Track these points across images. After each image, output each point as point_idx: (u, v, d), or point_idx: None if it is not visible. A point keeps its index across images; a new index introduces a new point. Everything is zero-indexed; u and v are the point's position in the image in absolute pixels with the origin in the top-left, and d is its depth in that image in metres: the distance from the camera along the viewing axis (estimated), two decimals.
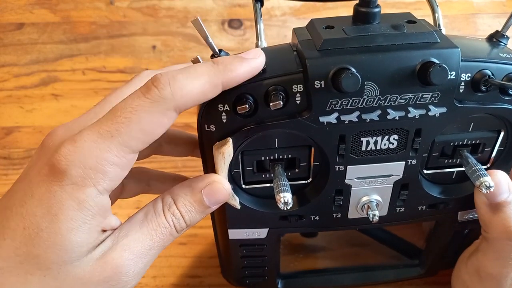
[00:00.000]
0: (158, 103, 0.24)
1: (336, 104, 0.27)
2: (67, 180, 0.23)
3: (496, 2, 0.67)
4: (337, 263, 0.44)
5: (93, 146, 0.23)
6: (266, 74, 0.27)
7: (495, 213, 0.31)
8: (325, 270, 0.43)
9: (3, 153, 0.58)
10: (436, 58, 0.26)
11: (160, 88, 0.24)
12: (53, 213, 0.24)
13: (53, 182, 0.24)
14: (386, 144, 0.30)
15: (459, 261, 0.38)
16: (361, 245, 0.45)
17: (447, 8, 0.66)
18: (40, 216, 0.24)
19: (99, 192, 0.24)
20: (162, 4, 0.65)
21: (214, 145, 0.29)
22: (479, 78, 0.28)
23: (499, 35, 0.31)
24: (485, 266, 0.33)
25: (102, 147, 0.24)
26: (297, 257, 0.44)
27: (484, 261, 0.34)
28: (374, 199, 0.32)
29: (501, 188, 0.30)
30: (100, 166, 0.24)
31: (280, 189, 0.29)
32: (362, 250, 0.45)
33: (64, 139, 0.24)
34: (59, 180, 0.23)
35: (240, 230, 0.33)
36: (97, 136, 0.24)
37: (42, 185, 0.24)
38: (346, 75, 0.25)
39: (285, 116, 0.28)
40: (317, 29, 0.28)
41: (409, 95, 0.27)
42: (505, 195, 0.31)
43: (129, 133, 0.24)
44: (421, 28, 0.28)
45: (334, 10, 0.65)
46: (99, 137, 0.24)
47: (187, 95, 0.24)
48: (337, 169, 0.30)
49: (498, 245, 0.32)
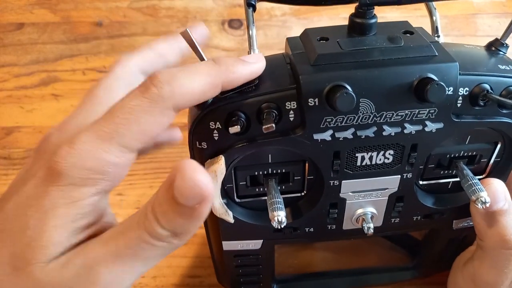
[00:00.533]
0: (157, 102, 0.23)
1: (331, 122, 0.26)
2: (64, 181, 0.23)
3: (496, 2, 0.67)
4: (331, 266, 0.44)
5: (92, 148, 0.23)
6: (259, 90, 0.26)
7: (491, 223, 0.31)
8: (320, 274, 0.43)
9: (3, 153, 0.58)
10: (433, 74, 0.25)
11: (159, 87, 0.23)
12: (44, 211, 0.23)
13: (50, 184, 0.23)
14: (381, 159, 0.29)
15: (455, 266, 0.37)
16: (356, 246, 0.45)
17: (447, 8, 0.66)
18: (30, 215, 0.23)
19: (97, 192, 0.23)
20: (162, 4, 0.65)
21: (206, 162, 0.28)
22: (477, 92, 0.27)
23: (498, 44, 0.30)
24: (480, 274, 0.33)
25: (101, 149, 0.23)
26: (291, 263, 0.44)
27: (480, 269, 0.33)
28: (369, 212, 0.32)
29: (498, 197, 0.30)
30: (99, 167, 0.23)
31: (274, 207, 0.28)
32: (357, 252, 0.45)
33: (61, 142, 0.23)
34: (56, 182, 0.23)
35: (234, 242, 0.33)
36: (95, 137, 0.23)
37: (39, 186, 0.23)
38: (341, 94, 0.24)
39: (278, 134, 0.27)
40: (311, 41, 0.27)
41: (405, 111, 0.26)
42: (501, 204, 0.30)
43: (128, 134, 0.23)
44: (419, 40, 0.27)
45: (334, 10, 0.65)
46: (98, 138, 0.23)
47: (187, 94, 0.24)
48: (331, 184, 0.30)
49: (494, 254, 0.32)
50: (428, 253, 0.39)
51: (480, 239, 0.33)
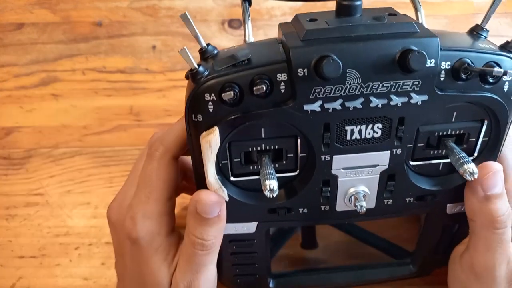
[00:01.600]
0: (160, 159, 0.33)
1: (320, 92, 0.27)
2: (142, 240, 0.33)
3: None
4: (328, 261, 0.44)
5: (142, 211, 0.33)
6: (251, 64, 0.28)
7: (484, 203, 0.31)
8: (317, 269, 0.43)
9: (3, 153, 0.58)
10: (415, 46, 0.26)
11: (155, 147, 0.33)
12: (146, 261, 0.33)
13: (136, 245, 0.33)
14: (370, 133, 0.30)
15: (452, 260, 0.38)
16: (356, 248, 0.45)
17: (447, 8, 0.66)
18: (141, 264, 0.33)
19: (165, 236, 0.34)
20: (162, 4, 0.65)
21: (201, 134, 0.29)
22: (458, 66, 0.28)
23: (479, 28, 0.31)
24: (478, 261, 0.34)
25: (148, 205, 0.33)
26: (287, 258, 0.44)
27: (476, 255, 0.34)
28: (361, 190, 0.32)
29: (495, 182, 0.31)
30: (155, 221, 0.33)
31: (266, 177, 0.29)
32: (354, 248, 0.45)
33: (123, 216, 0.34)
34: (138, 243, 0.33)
35: (229, 225, 0.33)
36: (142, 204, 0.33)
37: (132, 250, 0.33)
38: (327, 61, 0.25)
39: (270, 105, 0.28)
40: (301, 22, 0.29)
41: (390, 82, 0.27)
42: (497, 188, 0.31)
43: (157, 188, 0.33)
44: (402, 19, 0.29)
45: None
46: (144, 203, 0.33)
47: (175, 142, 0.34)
48: (323, 159, 0.31)
49: (486, 236, 0.32)
50: (424, 245, 0.40)
51: (471, 219, 0.33)
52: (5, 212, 0.52)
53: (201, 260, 0.32)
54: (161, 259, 0.33)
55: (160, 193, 0.33)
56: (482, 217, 0.32)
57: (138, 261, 0.33)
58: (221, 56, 0.29)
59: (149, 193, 0.33)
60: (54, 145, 0.60)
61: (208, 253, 0.32)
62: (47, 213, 0.52)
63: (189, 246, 0.32)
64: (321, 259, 0.45)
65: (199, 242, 0.32)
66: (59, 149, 0.59)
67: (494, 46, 0.30)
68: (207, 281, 0.33)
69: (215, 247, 0.33)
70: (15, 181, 0.56)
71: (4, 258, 0.47)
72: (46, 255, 0.48)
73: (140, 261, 0.33)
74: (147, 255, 0.33)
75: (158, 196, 0.33)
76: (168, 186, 0.33)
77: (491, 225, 0.32)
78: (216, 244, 0.33)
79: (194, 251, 0.32)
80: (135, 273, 0.34)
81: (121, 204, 0.35)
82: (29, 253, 0.48)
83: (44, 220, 0.51)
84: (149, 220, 0.33)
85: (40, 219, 0.51)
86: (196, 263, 0.32)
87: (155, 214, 0.33)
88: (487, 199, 0.31)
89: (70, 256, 0.47)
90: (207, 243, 0.32)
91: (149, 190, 0.33)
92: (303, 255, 0.45)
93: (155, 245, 0.33)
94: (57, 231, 0.50)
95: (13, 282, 0.45)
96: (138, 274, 0.34)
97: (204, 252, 0.32)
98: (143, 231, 0.32)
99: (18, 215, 0.52)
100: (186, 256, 0.33)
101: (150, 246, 0.33)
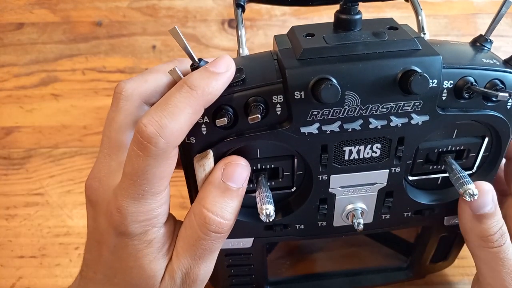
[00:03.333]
0: (160, 156, 0.26)
1: (317, 115, 0.27)
2: (132, 234, 0.28)
3: (496, 2, 0.67)
4: (325, 267, 0.44)
5: (134, 209, 0.28)
6: (246, 85, 0.27)
7: (474, 223, 0.31)
8: (313, 276, 0.43)
9: (3, 153, 0.58)
10: (417, 66, 0.26)
11: (153, 143, 0.25)
12: (134, 255, 0.29)
13: (123, 239, 0.29)
14: (369, 153, 0.29)
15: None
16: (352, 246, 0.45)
17: (447, 8, 0.66)
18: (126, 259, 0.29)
19: (160, 227, 0.29)
20: (162, 4, 0.65)
21: (195, 157, 0.28)
22: (461, 85, 0.27)
23: (483, 39, 0.30)
24: (488, 284, 0.33)
25: (141, 206, 0.28)
26: (284, 264, 0.44)
27: (484, 280, 0.33)
28: (359, 207, 0.32)
29: (486, 201, 0.30)
30: (149, 215, 0.28)
31: (262, 201, 0.28)
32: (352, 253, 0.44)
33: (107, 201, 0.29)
34: (127, 236, 0.28)
35: (225, 240, 0.33)
36: (133, 201, 0.27)
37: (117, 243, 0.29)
38: (326, 86, 0.24)
39: (266, 127, 0.27)
40: (298, 37, 0.28)
41: (390, 104, 0.27)
42: (488, 207, 0.31)
43: (152, 188, 0.27)
44: (403, 35, 0.27)
45: (334, 10, 0.65)
46: (135, 200, 0.27)
47: (178, 134, 0.26)
48: (320, 178, 0.30)
49: (481, 255, 0.32)
50: (421, 252, 0.39)
51: (466, 239, 0.33)
52: (5, 212, 0.52)
53: (210, 245, 0.29)
54: (153, 252, 0.29)
55: (156, 190, 0.28)
56: (473, 236, 0.32)
57: (122, 255, 0.29)
58: None
59: (143, 191, 0.27)
60: (54, 145, 0.60)
61: (220, 237, 0.29)
62: (47, 213, 0.52)
63: (196, 228, 0.28)
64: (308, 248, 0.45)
65: (216, 221, 0.28)
66: (59, 149, 0.59)
67: (498, 61, 0.29)
68: (207, 272, 0.30)
69: (229, 231, 0.29)
70: (15, 181, 0.56)
71: (4, 258, 0.47)
72: (46, 255, 0.48)
73: (125, 256, 0.29)
74: (136, 249, 0.29)
75: (154, 192, 0.28)
76: (167, 177, 0.28)
77: (484, 244, 0.31)
78: (230, 228, 0.29)
79: (205, 232, 0.28)
80: (115, 267, 0.30)
81: (102, 180, 0.30)
82: (29, 253, 0.48)
83: (44, 220, 0.51)
84: (142, 216, 0.28)
85: (40, 219, 0.51)
86: (203, 248, 0.29)
87: (150, 211, 0.28)
88: (477, 219, 0.31)
89: (70, 256, 0.47)
90: (224, 224, 0.28)
91: (142, 188, 0.27)
92: (300, 259, 0.45)
93: (148, 239, 0.29)
94: (57, 231, 0.50)
95: (13, 282, 0.45)
96: (120, 269, 0.30)
97: (216, 235, 0.29)
98: (134, 227, 0.28)
99: (18, 215, 0.52)
100: (191, 239, 0.29)
101: (141, 241, 0.29)
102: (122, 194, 0.28)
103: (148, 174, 0.26)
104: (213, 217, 0.28)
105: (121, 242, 0.29)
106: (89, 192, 0.30)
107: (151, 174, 0.26)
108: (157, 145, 0.25)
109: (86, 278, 0.31)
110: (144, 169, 0.26)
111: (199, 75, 0.26)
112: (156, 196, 0.28)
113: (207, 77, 0.26)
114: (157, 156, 0.26)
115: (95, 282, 0.31)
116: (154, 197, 0.28)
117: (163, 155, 0.26)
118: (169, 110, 0.25)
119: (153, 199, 0.28)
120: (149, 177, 0.27)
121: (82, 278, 0.32)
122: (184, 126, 0.26)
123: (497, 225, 0.31)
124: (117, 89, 0.30)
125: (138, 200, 0.27)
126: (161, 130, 0.25)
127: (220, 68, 0.26)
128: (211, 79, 0.26)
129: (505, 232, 0.32)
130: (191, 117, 0.26)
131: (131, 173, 0.27)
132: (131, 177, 0.27)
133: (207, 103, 0.26)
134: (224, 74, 0.26)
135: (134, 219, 0.28)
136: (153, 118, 0.25)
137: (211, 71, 0.26)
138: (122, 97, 0.30)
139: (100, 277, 0.30)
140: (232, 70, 0.27)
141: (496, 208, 0.31)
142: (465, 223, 0.32)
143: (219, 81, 0.26)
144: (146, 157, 0.26)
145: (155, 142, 0.25)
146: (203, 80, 0.26)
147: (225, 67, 0.26)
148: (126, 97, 0.30)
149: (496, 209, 0.31)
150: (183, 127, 0.26)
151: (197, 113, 0.26)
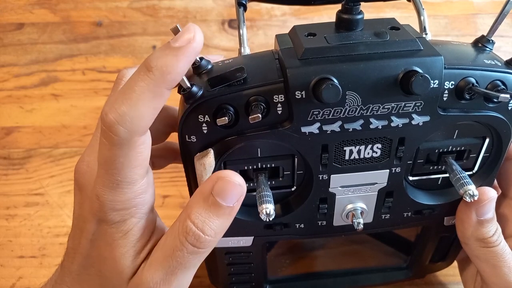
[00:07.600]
0: (125, 145, 0.25)
1: (318, 114, 0.27)
2: (111, 222, 0.27)
3: (496, 2, 0.67)
4: (325, 266, 0.44)
5: (111, 197, 0.26)
6: (247, 84, 0.27)
7: (476, 227, 0.32)
8: (313, 275, 0.43)
9: (3, 153, 0.58)
10: (418, 67, 0.25)
11: (114, 132, 0.24)
12: (110, 244, 0.28)
13: (102, 225, 0.28)
14: (369, 153, 0.29)
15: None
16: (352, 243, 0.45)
17: (447, 8, 0.66)
18: (102, 247, 0.28)
19: (139, 218, 0.28)
20: (162, 4, 0.65)
21: (195, 156, 0.28)
22: (463, 86, 0.27)
23: (484, 40, 0.30)
24: (492, 283, 0.33)
25: (117, 195, 0.26)
26: (284, 262, 0.44)
27: (487, 278, 0.34)
28: (359, 207, 0.32)
29: (487, 209, 0.31)
30: (127, 205, 0.27)
31: (262, 200, 0.28)
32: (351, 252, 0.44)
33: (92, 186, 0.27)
34: (106, 223, 0.27)
35: (225, 239, 0.33)
36: (109, 189, 0.26)
37: (95, 230, 0.28)
38: (327, 86, 0.24)
39: (267, 127, 0.27)
40: (299, 37, 0.27)
41: (391, 104, 0.27)
42: (489, 215, 0.31)
43: (125, 175, 0.26)
44: (404, 35, 0.27)
45: (334, 10, 0.65)
46: (111, 189, 0.26)
47: (139, 121, 0.24)
48: (320, 178, 0.30)
49: (482, 256, 0.32)
50: (421, 252, 0.39)
51: (464, 243, 0.33)
52: (5, 212, 0.52)
53: (186, 258, 0.27)
54: (127, 244, 0.28)
55: (130, 179, 0.26)
56: (473, 239, 0.32)
57: (100, 243, 0.28)
58: (215, 71, 0.27)
59: (117, 180, 0.26)
60: (54, 145, 0.60)
61: (198, 253, 0.27)
62: (47, 213, 0.52)
63: (176, 237, 0.26)
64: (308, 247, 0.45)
65: (195, 233, 0.26)
66: (59, 149, 0.59)
67: (500, 62, 0.29)
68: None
69: (209, 248, 0.27)
70: (15, 181, 0.56)
71: (4, 258, 0.47)
72: (46, 255, 0.48)
73: (102, 244, 0.28)
74: (112, 238, 0.27)
75: (129, 182, 0.26)
76: (141, 166, 0.26)
77: (484, 245, 0.32)
78: (211, 245, 0.27)
79: (182, 241, 0.26)
80: (92, 257, 0.29)
81: (90, 164, 0.29)
82: (29, 253, 0.48)
83: (44, 220, 0.51)
84: (120, 205, 0.27)
85: (40, 219, 0.51)
86: (178, 260, 0.27)
87: (127, 200, 0.27)
88: (480, 223, 0.31)
89: None
90: (203, 238, 0.26)
91: (115, 178, 0.26)
92: (299, 257, 0.45)
93: (124, 229, 0.27)
94: (57, 231, 0.50)
95: (13, 282, 0.45)
96: (95, 258, 0.29)
97: (194, 249, 0.26)
98: (112, 215, 0.27)
99: (18, 215, 0.52)
100: (168, 248, 0.27)
101: (118, 229, 0.27)
102: (98, 182, 0.26)
103: (117, 164, 0.25)
104: (194, 229, 0.26)
105: (100, 229, 0.28)
106: (78, 175, 0.29)
107: (120, 163, 0.25)
108: (118, 134, 0.24)
109: (64, 268, 0.30)
110: (111, 158, 0.25)
111: (158, 53, 0.24)
112: (132, 185, 0.26)
113: (166, 54, 0.23)
114: (121, 145, 0.24)
115: (71, 272, 0.30)
116: (130, 187, 0.26)
117: (128, 144, 0.24)
118: (127, 96, 0.24)
119: (129, 188, 0.26)
120: (118, 166, 0.25)
121: (62, 268, 0.31)
122: (144, 113, 0.24)
123: (494, 227, 0.32)
124: (119, 75, 0.30)
125: (114, 189, 0.26)
126: (119, 118, 0.23)
127: (180, 41, 0.23)
128: (170, 56, 0.23)
129: (500, 230, 0.32)
130: (151, 101, 0.24)
131: (102, 163, 0.26)
132: (103, 166, 0.26)
133: (170, 84, 0.24)
134: (184, 49, 0.23)
135: (111, 207, 0.27)
136: (113, 106, 0.24)
137: (171, 47, 0.24)
138: (122, 83, 0.29)
139: (76, 267, 0.29)
140: (197, 41, 0.24)
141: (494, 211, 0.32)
142: (467, 227, 0.32)
143: (179, 57, 0.23)
144: (111, 146, 0.25)
145: (116, 130, 0.24)
146: (161, 59, 0.23)
147: (185, 40, 0.23)
148: None
149: (494, 212, 0.32)
150: (143, 114, 0.24)
151: (158, 96, 0.24)
